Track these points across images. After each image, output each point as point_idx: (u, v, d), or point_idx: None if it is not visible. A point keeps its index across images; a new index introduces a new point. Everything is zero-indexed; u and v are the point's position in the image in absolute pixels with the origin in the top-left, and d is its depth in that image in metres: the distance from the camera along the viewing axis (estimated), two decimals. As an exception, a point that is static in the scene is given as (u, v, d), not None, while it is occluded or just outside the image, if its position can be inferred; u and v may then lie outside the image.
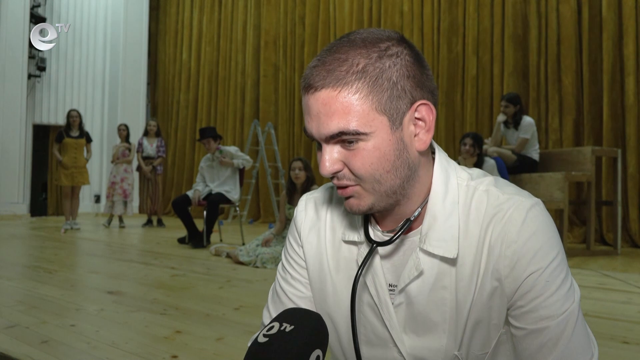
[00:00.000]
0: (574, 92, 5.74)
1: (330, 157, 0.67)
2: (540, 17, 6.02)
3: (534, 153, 4.87)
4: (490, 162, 4.47)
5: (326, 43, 8.20)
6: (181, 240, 5.37)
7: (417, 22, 7.10)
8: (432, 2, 6.95)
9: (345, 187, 0.69)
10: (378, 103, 0.64)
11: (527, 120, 4.84)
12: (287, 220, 4.33)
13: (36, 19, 9.58)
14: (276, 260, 4.00)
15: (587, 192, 4.70)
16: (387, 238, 0.74)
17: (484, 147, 4.68)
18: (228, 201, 5.39)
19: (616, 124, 5.46)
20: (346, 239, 0.78)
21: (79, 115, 7.03)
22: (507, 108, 4.87)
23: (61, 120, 9.40)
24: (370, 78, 0.63)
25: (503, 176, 4.47)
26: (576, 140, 5.75)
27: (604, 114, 5.44)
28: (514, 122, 4.89)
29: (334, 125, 0.64)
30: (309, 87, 0.66)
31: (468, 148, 4.40)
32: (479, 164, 4.38)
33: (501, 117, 4.96)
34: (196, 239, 5.19)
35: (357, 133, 0.64)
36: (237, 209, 5.78)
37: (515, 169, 4.76)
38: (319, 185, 4.62)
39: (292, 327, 0.65)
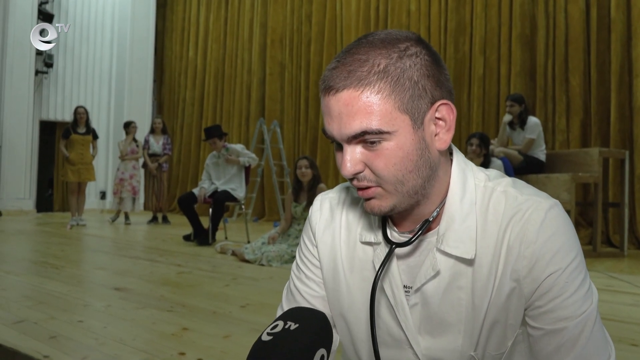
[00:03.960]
0: (581, 93, 5.71)
1: (352, 158, 0.66)
2: (548, 17, 5.99)
3: (541, 154, 4.85)
4: (497, 162, 4.46)
5: (332, 41, 8.20)
6: (187, 238, 5.39)
7: (424, 22, 7.08)
8: (439, 2, 6.93)
9: (366, 188, 0.69)
10: (400, 102, 0.64)
11: (533, 120, 4.83)
12: (293, 219, 4.34)
13: (44, 15, 9.61)
14: (282, 258, 4.01)
15: (594, 194, 4.68)
16: (404, 239, 0.74)
17: (491, 147, 4.66)
18: (234, 199, 5.39)
19: (624, 125, 5.43)
20: (363, 240, 0.78)
21: (86, 112, 7.07)
22: (512, 107, 4.85)
23: (68, 117, 9.44)
24: (392, 78, 0.63)
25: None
26: (583, 141, 5.72)
27: (612, 115, 5.41)
28: (519, 122, 4.87)
29: (356, 125, 0.64)
30: (330, 89, 0.65)
31: (475, 148, 4.38)
32: (485, 165, 4.36)
33: (507, 118, 4.94)
34: (202, 237, 5.20)
35: (381, 132, 0.64)
36: (243, 207, 5.79)
37: (522, 170, 4.74)
38: (325, 183, 4.62)
39: (297, 325, 0.65)
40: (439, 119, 0.68)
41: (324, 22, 8.40)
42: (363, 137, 0.65)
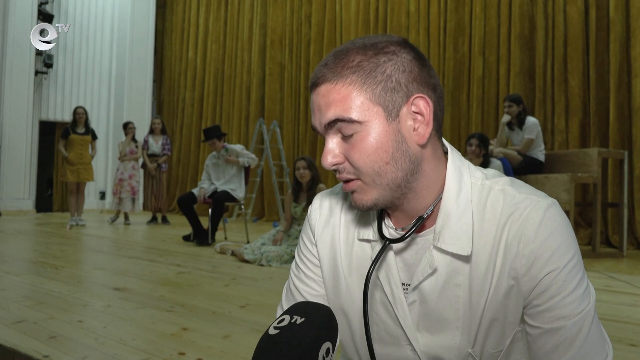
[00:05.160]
0: (580, 93, 5.72)
1: (332, 150, 0.70)
2: (547, 18, 6.00)
3: (540, 154, 4.86)
4: (496, 162, 4.46)
5: (332, 42, 8.21)
6: (186, 238, 5.39)
7: (424, 22, 7.09)
8: (438, 2, 6.94)
9: (348, 181, 0.71)
10: (372, 94, 0.67)
11: (531, 120, 4.83)
12: (293, 219, 4.35)
13: (44, 15, 9.62)
14: (281, 258, 4.01)
15: (593, 194, 4.69)
16: (400, 235, 0.75)
17: (490, 148, 4.67)
18: (233, 199, 5.39)
19: (622, 125, 5.44)
20: (360, 237, 0.79)
21: (85, 112, 7.08)
22: (510, 108, 4.86)
23: (67, 117, 9.45)
24: (364, 71, 0.67)
25: (509, 177, 4.45)
26: (582, 141, 5.73)
27: (611, 116, 5.42)
28: (518, 122, 4.88)
29: (331, 113, 0.68)
30: (313, 85, 0.71)
31: (474, 149, 4.39)
32: (484, 165, 4.37)
33: (505, 118, 4.95)
34: (201, 237, 5.20)
35: (352, 121, 0.67)
36: (242, 207, 5.80)
37: (521, 170, 4.75)
38: (325, 183, 4.63)
39: (303, 319, 0.67)
40: (417, 113, 0.69)
41: (323, 23, 8.42)
42: (337, 126, 0.69)
